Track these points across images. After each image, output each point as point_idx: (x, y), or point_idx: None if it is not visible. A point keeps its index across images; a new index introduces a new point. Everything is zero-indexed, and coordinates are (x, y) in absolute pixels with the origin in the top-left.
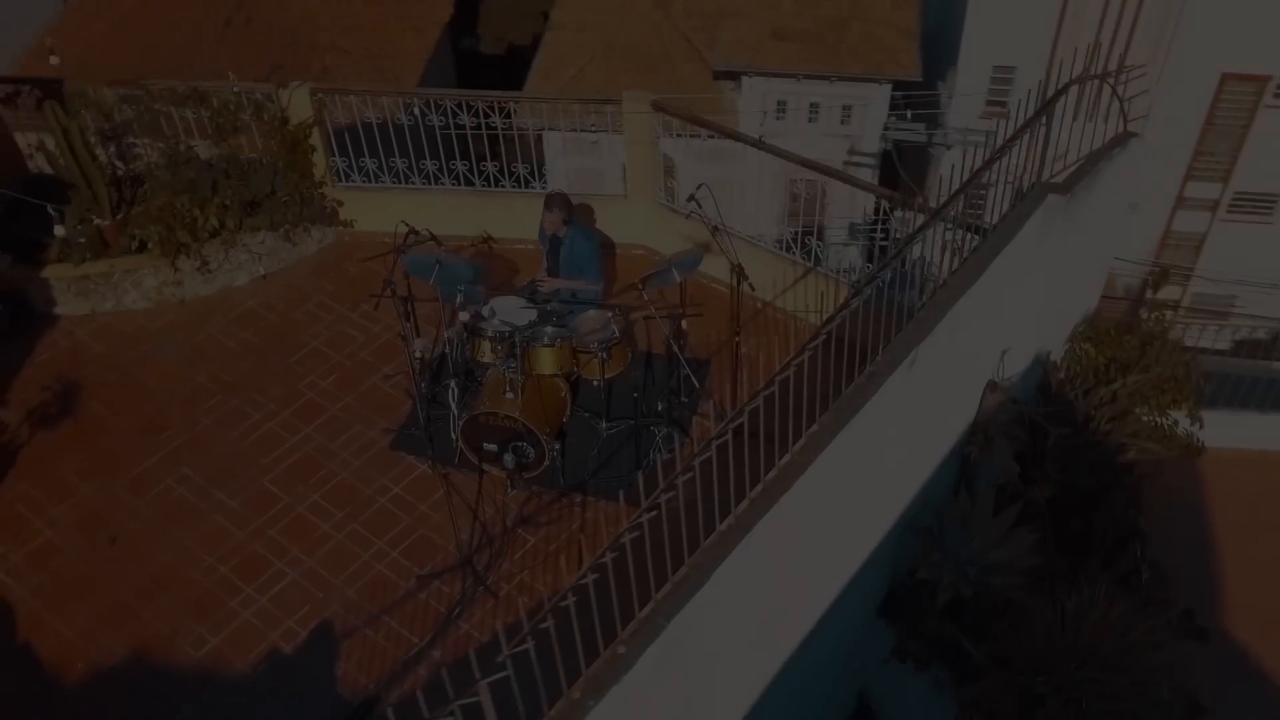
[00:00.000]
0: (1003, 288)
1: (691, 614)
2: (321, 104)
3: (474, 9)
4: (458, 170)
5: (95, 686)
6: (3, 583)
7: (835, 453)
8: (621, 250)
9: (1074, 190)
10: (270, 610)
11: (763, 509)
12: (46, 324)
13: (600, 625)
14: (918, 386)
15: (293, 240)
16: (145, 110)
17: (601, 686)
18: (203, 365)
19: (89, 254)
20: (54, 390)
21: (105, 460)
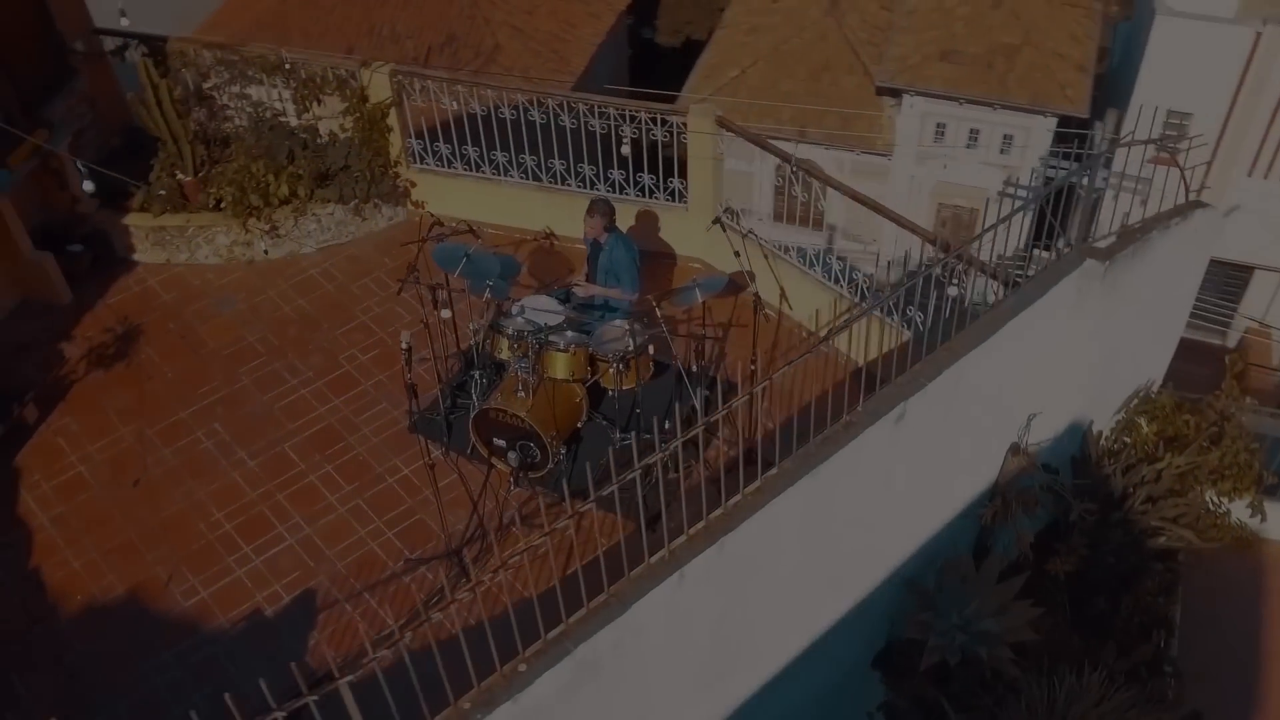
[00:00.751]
0: (1027, 350)
1: (606, 640)
2: (401, 86)
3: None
4: (526, 164)
5: (88, 620)
6: (29, 509)
7: (796, 499)
8: (680, 262)
9: (1114, 258)
10: (261, 571)
11: (701, 546)
12: (124, 268)
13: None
14: (913, 441)
15: (362, 215)
16: (238, 75)
17: (492, 701)
18: (256, 325)
19: (168, 207)
20: (116, 332)
21: (146, 405)
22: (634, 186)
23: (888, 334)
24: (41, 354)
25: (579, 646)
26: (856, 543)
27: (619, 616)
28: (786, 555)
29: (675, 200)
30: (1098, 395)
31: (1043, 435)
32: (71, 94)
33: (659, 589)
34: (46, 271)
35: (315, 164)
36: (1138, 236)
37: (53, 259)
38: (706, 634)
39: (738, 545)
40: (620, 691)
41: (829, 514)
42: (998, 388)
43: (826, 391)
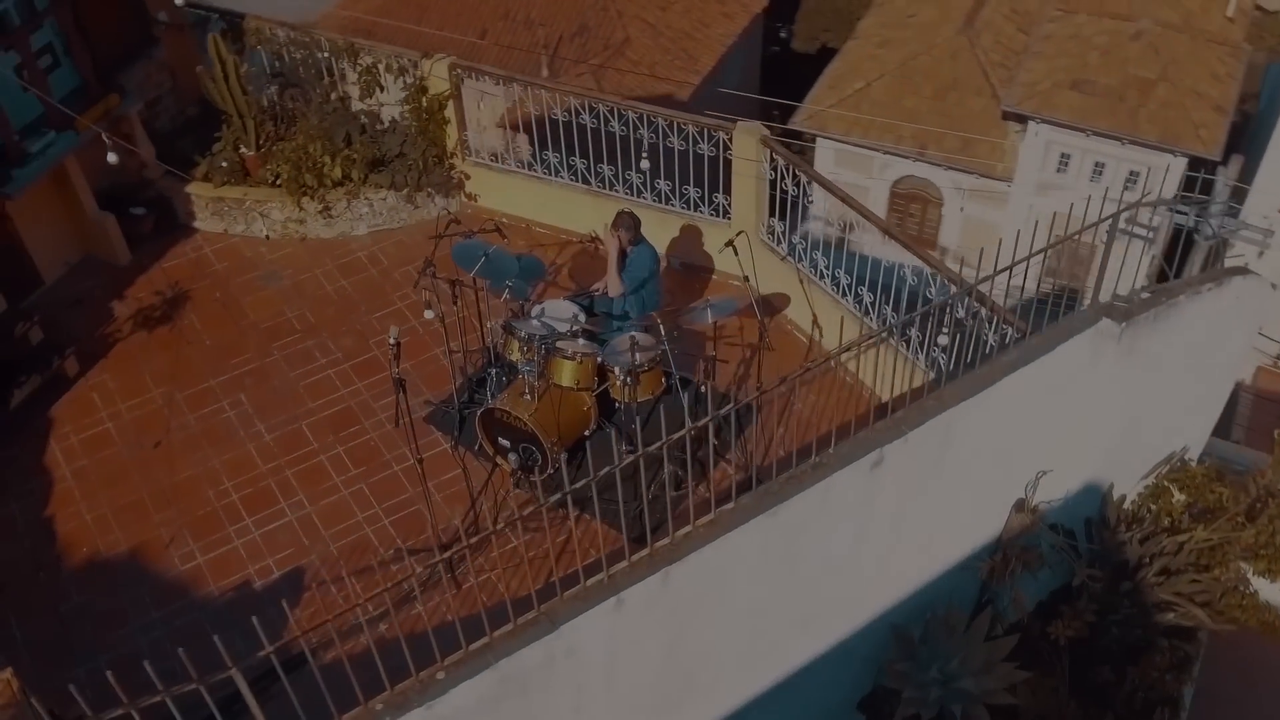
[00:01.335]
0: (1033, 405)
1: (533, 657)
2: (459, 80)
3: (794, 4)
4: (576, 166)
5: (88, 573)
6: (54, 458)
7: (753, 536)
8: (719, 279)
9: (1133, 320)
10: (258, 544)
11: (643, 574)
12: (183, 234)
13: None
14: (896, 488)
15: (414, 203)
16: (310, 55)
17: (405, 705)
18: (297, 302)
19: (229, 179)
20: (165, 296)
21: (180, 370)
22: (679, 198)
23: (911, 372)
24: (93, 310)
25: (501, 660)
26: (831, 585)
27: (547, 635)
28: (745, 591)
29: (720, 216)
30: (1119, 458)
31: (1053, 494)
32: (150, 62)
33: (593, 612)
34: (107, 231)
35: (371, 149)
36: (1162, 299)
37: (114, 220)
38: (656, 661)
39: (686, 576)
40: (552, 711)
41: (795, 553)
42: (999, 441)
43: (847, 425)
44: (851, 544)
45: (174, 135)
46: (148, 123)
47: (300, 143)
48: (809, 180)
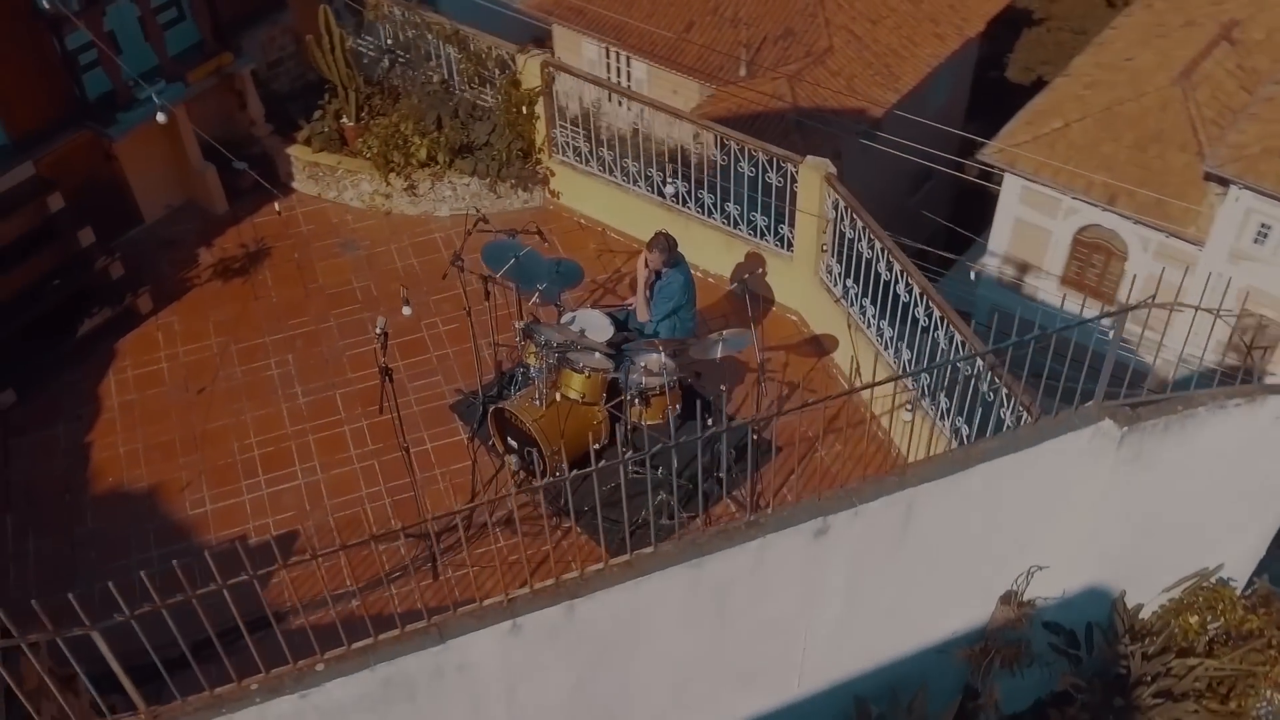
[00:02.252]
0: (1020, 498)
1: (419, 666)
2: (550, 78)
3: (1015, 34)
4: (652, 178)
5: (107, 502)
6: (108, 389)
7: (674, 585)
8: (777, 311)
9: (1137, 426)
10: (263, 502)
11: (544, 603)
12: (282, 193)
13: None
14: (850, 559)
15: (497, 193)
16: (420, 36)
17: (278, 690)
18: (365, 273)
19: (327, 146)
20: (247, 249)
21: (241, 322)
22: (746, 224)
23: (934, 436)
24: (180, 253)
25: (380, 664)
26: (776, 645)
27: (434, 647)
28: (671, 638)
29: (784, 247)
30: (1132, 565)
31: (1049, 591)
32: (275, 25)
33: (485, 632)
34: (207, 181)
35: (459, 135)
36: (1176, 408)
37: (215, 171)
38: (564, 693)
39: (595, 613)
40: (439, 716)
41: (728, 609)
42: (977, 528)
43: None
44: (799, 609)
45: (290, 98)
46: (267, 83)
47: (393, 120)
48: (864, 226)
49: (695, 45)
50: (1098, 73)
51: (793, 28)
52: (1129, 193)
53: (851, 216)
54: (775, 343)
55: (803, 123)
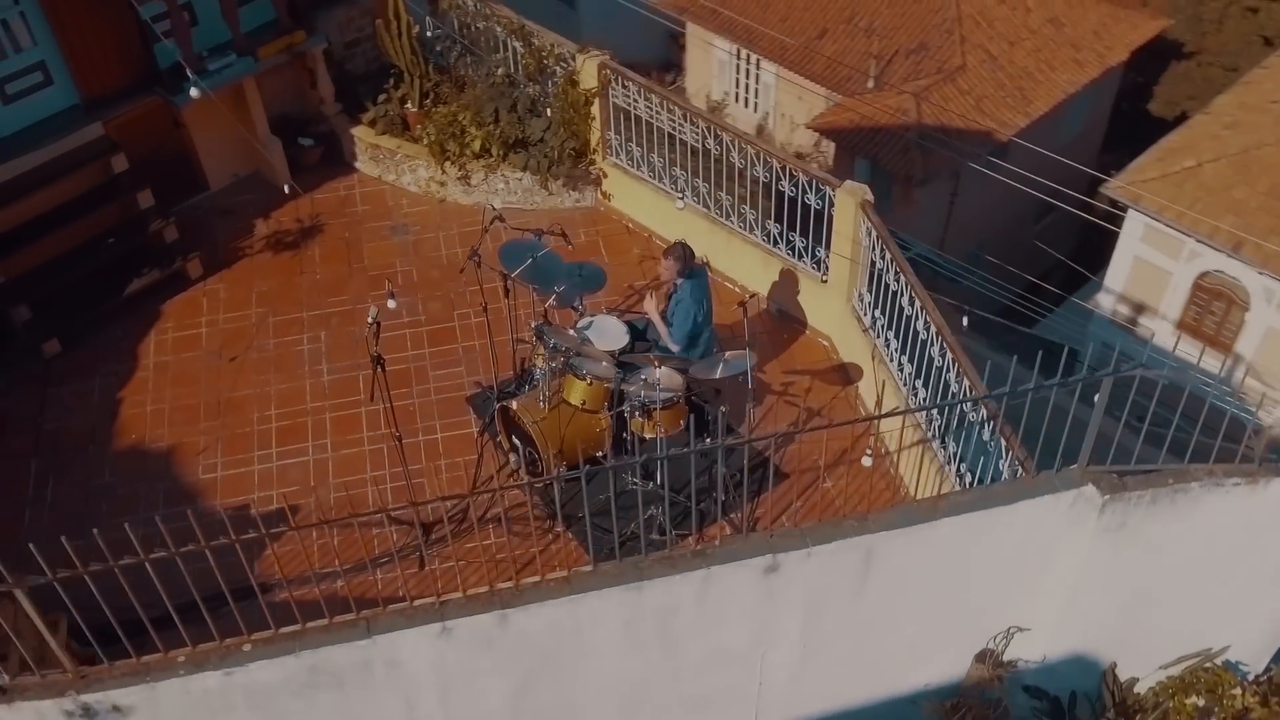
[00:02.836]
0: (995, 556)
1: (347, 658)
2: (607, 80)
3: (1163, 66)
4: (700, 190)
5: (126, 458)
6: (147, 349)
7: (612, 605)
8: (809, 335)
9: (1120, 496)
10: (270, 474)
11: (476, 609)
12: (343, 171)
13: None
14: (803, 599)
15: (549, 190)
16: (489, 28)
17: (203, 664)
18: (410, 258)
19: (389, 129)
20: (302, 225)
21: (283, 295)
22: (784, 243)
23: (940, 479)
24: (237, 222)
25: (305, 651)
26: (729, 676)
27: (360, 640)
28: (616, 658)
29: (820, 271)
30: (1122, 638)
31: (1030, 655)
32: (354, 7)
33: (414, 631)
34: (272, 154)
35: (515, 130)
36: (1166, 481)
37: (280, 145)
38: (503, 701)
39: (531, 625)
40: (371, 708)
41: (674, 635)
42: (951, 583)
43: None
44: (751, 644)
45: (364, 79)
46: (341, 64)
47: (452, 110)
48: (893, 257)
49: (826, 53)
50: (1240, 113)
51: (927, 42)
52: (1259, 244)
53: (883, 246)
54: (804, 367)
55: (924, 141)
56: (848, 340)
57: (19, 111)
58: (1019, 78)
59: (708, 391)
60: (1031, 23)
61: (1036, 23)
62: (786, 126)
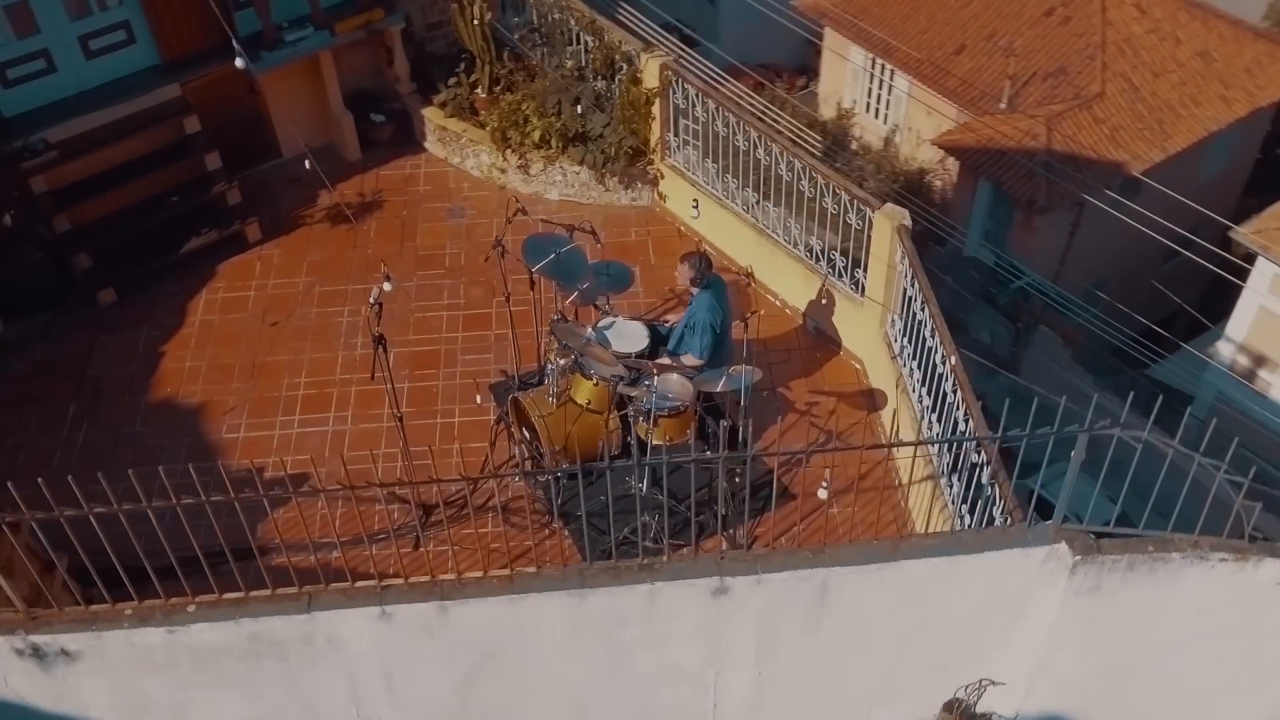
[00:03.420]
0: (961, 604)
1: (287, 630)
2: (668, 81)
3: None
4: (749, 200)
5: (157, 410)
6: (196, 306)
7: (556, 610)
8: (842, 357)
9: (1091, 558)
10: (290, 440)
11: (416, 596)
12: (412, 149)
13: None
14: (755, 626)
15: (605, 186)
16: (563, 20)
17: (148, 619)
18: (460, 241)
19: (457, 113)
20: (363, 199)
21: (333, 266)
22: (825, 260)
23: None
24: (303, 191)
25: (245, 619)
26: (680, 694)
27: (299, 614)
28: (564, 664)
29: (858, 291)
30: (1097, 705)
31: (1003, 709)
32: None
33: (353, 611)
34: (343, 128)
35: (575, 123)
36: (1147, 548)
37: (351, 120)
38: (448, 692)
39: (472, 619)
40: (327, 693)
41: (620, 649)
42: (916, 627)
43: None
44: (703, 663)
45: (443, 61)
46: (423, 44)
47: (517, 99)
48: (920, 287)
49: (961, 69)
50: None
51: (1066, 67)
52: None
53: (914, 274)
54: (832, 388)
55: (1051, 167)
56: (878, 365)
57: (100, 67)
58: (1159, 110)
59: (729, 403)
60: (1180, 55)
61: (1185, 55)
62: (913, 140)
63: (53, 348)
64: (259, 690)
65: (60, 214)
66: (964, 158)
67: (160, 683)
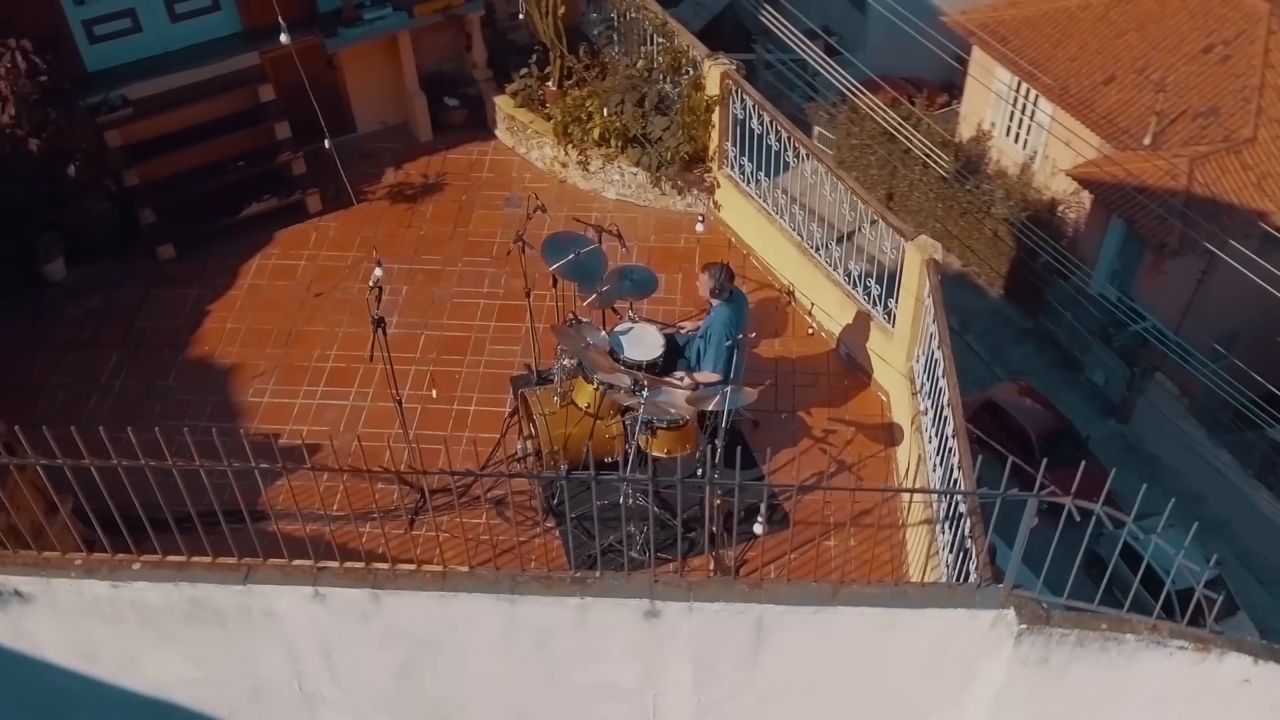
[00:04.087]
0: (910, 658)
1: (225, 598)
2: (728, 90)
3: None
4: (796, 217)
5: (192, 366)
6: (247, 271)
7: (484, 611)
8: (871, 388)
9: (1040, 629)
10: (309, 410)
11: (349, 581)
12: (483, 136)
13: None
14: (689, 653)
15: (661, 189)
16: (638, 20)
17: (94, 572)
18: (511, 232)
19: (526, 103)
20: (426, 180)
21: (385, 244)
22: (861, 287)
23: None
24: (370, 167)
25: (182, 582)
26: (614, 709)
27: (235, 584)
28: (500, 666)
29: (890, 323)
30: None
31: None
32: None
33: (289, 589)
34: (416, 108)
35: (636, 124)
36: (1098, 625)
37: (424, 102)
38: (389, 678)
39: (405, 611)
40: (270, 665)
41: (553, 657)
42: (859, 675)
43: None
44: (640, 683)
45: (525, 51)
46: (506, 33)
47: (582, 95)
48: (938, 326)
49: (1107, 101)
50: None
51: (1219, 107)
52: None
53: (935, 311)
54: (854, 418)
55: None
56: (901, 400)
57: (183, 30)
58: None
59: (745, 421)
60: None
61: None
62: (1048, 169)
63: (108, 296)
64: (203, 652)
65: (130, 169)
66: (1098, 192)
67: (109, 633)
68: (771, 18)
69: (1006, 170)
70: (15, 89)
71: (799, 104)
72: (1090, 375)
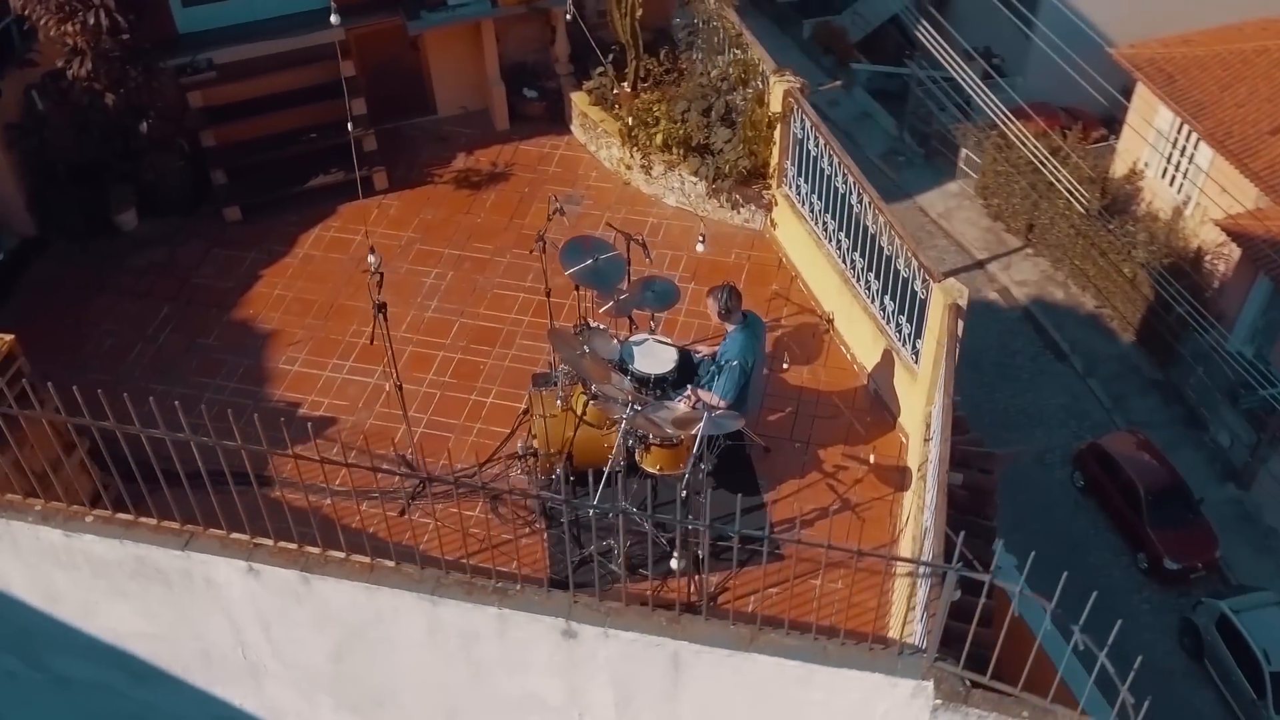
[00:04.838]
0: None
1: (167, 561)
2: (789, 108)
3: None
4: (841, 244)
5: (234, 327)
6: (305, 241)
7: (409, 607)
8: (895, 429)
9: (955, 706)
10: (332, 384)
11: (281, 561)
12: (559, 130)
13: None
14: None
15: (719, 201)
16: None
17: (49, 519)
18: (565, 229)
19: (599, 102)
20: (494, 169)
21: (438, 229)
22: (893, 324)
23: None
24: (443, 150)
25: (128, 541)
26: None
27: (175, 549)
28: (428, 662)
29: (917, 362)
30: None
31: None
32: None
33: (225, 561)
34: (494, 97)
35: (700, 134)
36: (1020, 713)
37: (503, 90)
38: (324, 659)
39: (333, 596)
40: (216, 631)
41: (478, 661)
42: None
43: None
44: (564, 700)
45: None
46: (593, 30)
47: (654, 99)
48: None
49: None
50: None
51: None
52: None
53: (946, 359)
54: (870, 455)
55: None
56: (916, 444)
57: (273, 1)
58: None
59: (754, 447)
60: None
61: None
62: (1199, 216)
63: (172, 251)
64: (152, 609)
65: (208, 130)
66: (1248, 246)
67: (67, 579)
68: (928, 35)
69: (1158, 214)
70: (94, 45)
71: (946, 124)
72: (1215, 435)
